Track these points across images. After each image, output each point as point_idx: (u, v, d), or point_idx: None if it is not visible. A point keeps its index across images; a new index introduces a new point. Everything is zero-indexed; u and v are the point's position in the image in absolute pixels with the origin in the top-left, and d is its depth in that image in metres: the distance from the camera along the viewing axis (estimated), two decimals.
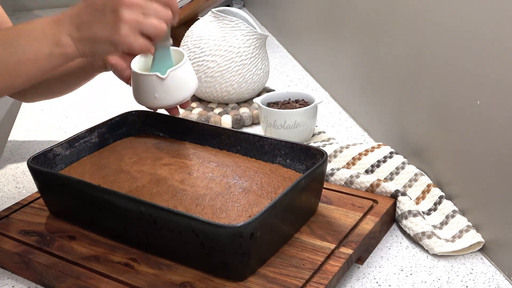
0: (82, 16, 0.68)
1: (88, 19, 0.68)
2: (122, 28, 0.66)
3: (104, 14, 0.67)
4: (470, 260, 0.73)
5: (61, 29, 0.68)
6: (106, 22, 0.67)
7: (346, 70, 1.22)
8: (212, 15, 1.23)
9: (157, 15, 0.68)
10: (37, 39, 0.68)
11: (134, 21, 0.66)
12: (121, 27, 0.66)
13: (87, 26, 0.68)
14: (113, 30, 0.66)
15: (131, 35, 0.67)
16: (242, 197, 0.71)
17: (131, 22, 0.66)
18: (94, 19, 0.67)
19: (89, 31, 0.67)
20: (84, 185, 0.71)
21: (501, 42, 0.66)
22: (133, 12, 0.66)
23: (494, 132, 0.69)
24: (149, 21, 0.67)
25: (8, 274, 0.75)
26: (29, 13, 2.56)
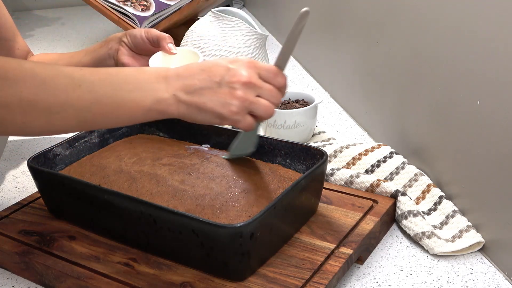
0: (195, 80, 0.64)
1: (201, 86, 0.64)
2: (234, 105, 0.63)
3: (219, 86, 0.64)
4: (470, 260, 0.73)
5: (169, 87, 0.64)
6: (219, 95, 0.63)
7: (346, 70, 1.22)
8: (212, 15, 1.23)
9: (270, 97, 0.65)
10: (141, 89, 0.64)
11: (247, 101, 0.63)
12: (233, 104, 0.63)
13: (198, 92, 0.64)
14: (224, 105, 0.63)
15: (240, 113, 0.64)
16: (242, 197, 0.71)
17: (244, 100, 0.63)
18: (207, 88, 0.64)
19: (200, 98, 0.64)
20: (84, 185, 0.71)
21: (501, 42, 0.66)
22: (248, 91, 0.64)
23: (494, 132, 0.69)
24: (261, 102, 0.64)
25: (8, 274, 0.75)
26: (29, 13, 2.56)
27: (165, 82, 0.64)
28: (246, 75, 0.63)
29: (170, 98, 0.64)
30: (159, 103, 0.64)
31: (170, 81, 0.64)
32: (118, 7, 1.69)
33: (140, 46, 0.88)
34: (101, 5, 1.71)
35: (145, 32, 0.87)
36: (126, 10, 1.68)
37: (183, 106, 0.64)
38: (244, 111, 0.64)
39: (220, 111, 0.63)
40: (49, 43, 1.99)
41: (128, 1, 1.71)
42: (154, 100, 0.63)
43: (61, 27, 2.26)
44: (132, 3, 1.71)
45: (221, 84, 0.63)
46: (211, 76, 0.64)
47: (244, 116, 0.64)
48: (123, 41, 0.88)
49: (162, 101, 0.64)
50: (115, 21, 1.71)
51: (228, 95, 0.63)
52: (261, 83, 0.64)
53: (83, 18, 2.38)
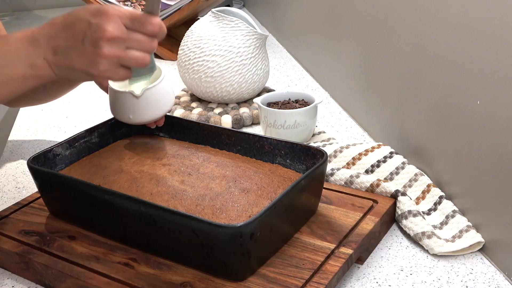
0: (60, 40, 0.63)
1: (65, 45, 0.63)
2: (101, 63, 0.62)
3: (83, 44, 0.62)
4: (470, 260, 0.73)
5: (37, 51, 0.64)
6: (84, 53, 0.62)
7: (346, 70, 1.22)
8: (212, 15, 1.23)
9: (141, 47, 0.64)
10: (10, 62, 0.64)
11: (114, 57, 0.62)
12: (100, 63, 0.62)
13: (64, 53, 0.63)
14: (92, 64, 0.62)
15: (111, 69, 0.63)
16: (242, 197, 0.71)
17: (111, 57, 0.62)
18: (72, 46, 0.63)
19: (66, 59, 0.64)
20: (84, 185, 0.71)
21: (501, 42, 0.66)
22: (114, 47, 0.62)
23: (494, 132, 0.69)
24: (131, 55, 0.63)
25: (8, 274, 0.75)
26: (29, 13, 2.56)
27: (34, 47, 0.64)
28: (110, 29, 0.61)
29: (40, 61, 0.64)
30: (31, 69, 0.64)
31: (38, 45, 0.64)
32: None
33: None
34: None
35: None
36: None
37: (55, 68, 0.64)
38: (114, 67, 0.63)
39: (89, 70, 0.63)
40: None
41: (128, 1, 1.71)
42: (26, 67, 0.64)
43: None
44: (132, 3, 1.71)
45: (84, 42, 0.62)
46: (74, 34, 0.62)
47: (116, 70, 0.63)
48: None
49: (34, 66, 0.64)
50: None
51: (93, 54, 0.61)
52: (127, 35, 0.62)
53: None
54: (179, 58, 1.27)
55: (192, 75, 1.22)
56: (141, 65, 0.65)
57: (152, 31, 0.64)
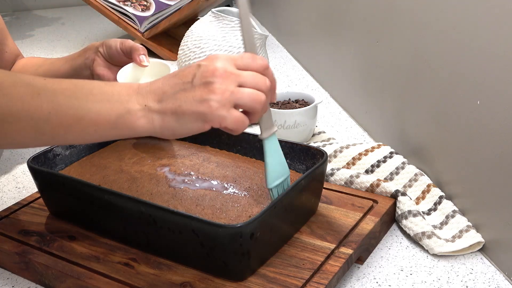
0: (167, 87, 0.58)
1: (173, 90, 0.57)
2: (212, 100, 0.55)
3: (192, 85, 0.57)
4: (470, 260, 0.73)
5: (139, 97, 0.58)
6: (195, 94, 0.56)
7: (346, 70, 1.22)
8: (212, 15, 1.23)
9: (254, 83, 0.58)
10: (107, 100, 0.57)
11: (227, 92, 0.56)
12: (212, 99, 0.55)
13: (171, 97, 0.57)
14: (202, 102, 0.56)
15: (223, 108, 0.56)
16: (242, 197, 0.71)
17: (224, 93, 0.56)
18: (180, 90, 0.57)
19: (173, 102, 0.57)
20: (84, 185, 0.71)
21: (501, 42, 0.66)
22: (226, 82, 0.56)
23: (494, 132, 0.69)
24: (245, 92, 0.57)
25: (8, 274, 0.75)
26: (29, 13, 2.56)
27: (136, 94, 0.58)
28: (220, 66, 0.57)
29: (140, 110, 0.57)
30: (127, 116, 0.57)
31: (141, 93, 0.58)
32: (118, 7, 1.69)
33: (115, 57, 0.84)
34: (101, 5, 1.71)
35: (120, 43, 0.83)
36: (126, 10, 1.68)
37: (157, 117, 0.57)
38: (227, 105, 0.56)
39: (199, 109, 0.56)
40: (49, 43, 1.99)
41: (128, 1, 1.71)
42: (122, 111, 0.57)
43: (61, 27, 2.26)
44: (132, 3, 1.71)
45: (194, 82, 0.57)
46: (183, 78, 0.58)
47: (230, 111, 0.56)
48: (99, 51, 0.85)
49: (131, 113, 0.57)
50: (115, 21, 1.71)
51: (204, 91, 0.56)
52: (239, 71, 0.58)
53: (83, 18, 2.38)
54: (179, 58, 1.27)
55: None
56: (258, 103, 0.58)
57: (263, 65, 0.59)
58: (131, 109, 0.57)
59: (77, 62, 0.87)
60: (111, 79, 0.83)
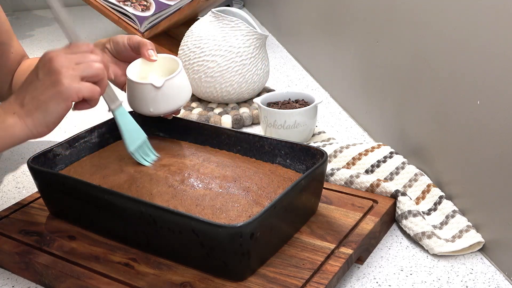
0: (23, 92, 0.68)
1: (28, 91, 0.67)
2: (62, 79, 0.65)
3: (38, 79, 0.67)
4: (470, 260, 0.73)
5: (6, 110, 0.67)
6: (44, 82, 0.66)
7: (346, 70, 1.22)
8: (212, 15, 1.23)
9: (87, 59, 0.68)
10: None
11: (70, 69, 0.66)
12: (61, 78, 0.65)
13: (29, 97, 0.67)
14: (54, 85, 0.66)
15: (74, 82, 0.66)
16: (242, 197, 0.71)
17: (67, 70, 0.66)
18: (32, 88, 0.67)
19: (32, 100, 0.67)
20: (84, 185, 0.71)
21: (501, 42, 0.66)
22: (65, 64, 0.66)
23: (494, 132, 0.69)
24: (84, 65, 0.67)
25: (8, 274, 0.75)
26: (29, 13, 2.56)
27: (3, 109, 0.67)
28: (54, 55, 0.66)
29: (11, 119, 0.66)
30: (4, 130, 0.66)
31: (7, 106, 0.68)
32: (118, 7, 1.69)
33: (123, 53, 0.85)
34: (101, 5, 1.71)
35: (127, 39, 0.84)
36: (126, 10, 1.68)
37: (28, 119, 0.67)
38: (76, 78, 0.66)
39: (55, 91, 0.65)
40: (49, 43, 1.99)
41: (128, 1, 1.71)
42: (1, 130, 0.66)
43: None
44: (132, 3, 1.71)
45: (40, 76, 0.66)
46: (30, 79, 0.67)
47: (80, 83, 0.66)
48: (106, 48, 0.86)
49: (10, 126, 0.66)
50: (115, 21, 1.71)
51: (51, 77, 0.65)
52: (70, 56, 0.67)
53: (83, 18, 2.38)
54: (179, 58, 1.27)
55: (192, 75, 1.22)
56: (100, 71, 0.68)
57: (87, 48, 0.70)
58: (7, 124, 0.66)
59: None
60: (119, 75, 0.84)
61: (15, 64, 0.97)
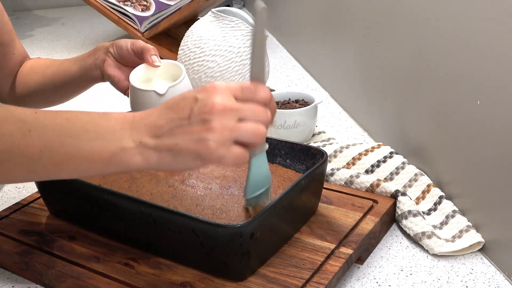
0: (162, 121, 0.54)
1: (170, 126, 0.54)
2: (211, 140, 0.52)
3: (189, 122, 0.53)
4: (470, 260, 0.73)
5: (134, 132, 0.55)
6: (192, 131, 0.53)
7: (346, 70, 1.22)
8: (212, 15, 1.23)
9: (256, 118, 0.54)
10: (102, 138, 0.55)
11: (226, 129, 0.53)
12: (210, 139, 0.52)
13: (168, 135, 0.54)
14: (200, 142, 0.53)
15: (223, 146, 0.53)
16: (242, 198, 0.71)
17: (222, 130, 0.52)
18: (177, 126, 0.54)
19: (170, 140, 0.54)
20: (84, 185, 0.71)
21: (501, 42, 0.66)
22: (225, 119, 0.53)
23: (494, 132, 0.69)
24: (246, 128, 0.54)
25: (8, 274, 0.75)
26: (29, 13, 2.56)
27: (130, 129, 0.55)
28: (219, 101, 0.53)
29: (135, 147, 0.54)
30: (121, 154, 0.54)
31: (135, 127, 0.55)
32: (118, 7, 1.69)
33: (126, 57, 0.84)
34: (101, 5, 1.71)
35: (131, 44, 0.83)
36: (126, 10, 1.68)
37: (153, 154, 0.54)
38: (227, 143, 0.53)
39: (197, 149, 0.53)
40: (49, 43, 1.99)
41: (128, 1, 1.71)
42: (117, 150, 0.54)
43: (61, 27, 2.26)
44: (132, 3, 1.71)
45: (192, 119, 0.53)
46: (179, 112, 0.54)
47: (229, 149, 0.53)
48: (109, 52, 0.85)
49: (125, 151, 0.54)
50: (115, 21, 1.71)
51: (202, 129, 0.53)
52: (239, 105, 0.54)
53: (83, 18, 2.38)
54: (179, 58, 1.27)
55: (192, 75, 1.22)
56: (258, 139, 0.55)
57: (265, 98, 0.56)
58: (125, 147, 0.54)
59: (87, 62, 0.87)
60: (122, 79, 0.83)
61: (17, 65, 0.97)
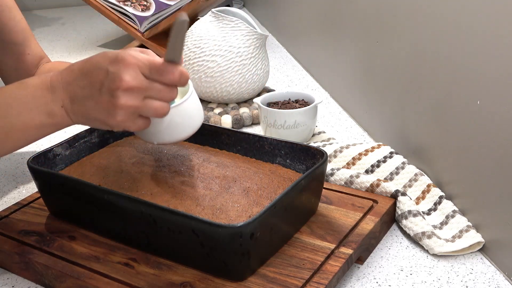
0: (77, 88, 0.62)
1: (82, 93, 0.61)
2: (118, 114, 0.59)
3: (100, 94, 0.60)
4: (470, 260, 0.73)
5: (55, 98, 0.63)
6: (101, 103, 0.60)
7: (346, 70, 1.22)
8: (212, 15, 1.23)
9: (160, 96, 0.60)
10: (28, 109, 0.62)
11: (132, 107, 0.59)
12: (118, 113, 0.59)
13: (81, 101, 0.62)
14: (109, 114, 0.60)
15: (128, 120, 0.60)
16: (242, 198, 0.71)
17: (128, 107, 0.59)
18: (89, 95, 0.61)
19: (83, 107, 0.62)
20: (84, 185, 0.71)
21: (501, 41, 0.66)
22: (132, 97, 0.59)
23: (494, 132, 0.69)
24: (149, 105, 0.60)
25: (8, 274, 0.75)
26: (29, 13, 2.56)
27: (51, 94, 0.63)
28: (127, 79, 0.58)
29: (58, 109, 0.63)
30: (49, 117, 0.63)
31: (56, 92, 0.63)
32: (118, 7, 1.69)
33: None
34: (101, 5, 1.71)
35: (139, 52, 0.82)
36: (126, 10, 1.68)
37: (73, 115, 0.63)
38: (132, 117, 0.60)
39: (106, 120, 0.60)
40: (49, 43, 1.99)
41: (128, 1, 1.71)
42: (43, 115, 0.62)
43: (61, 27, 2.26)
44: (132, 3, 1.71)
45: (102, 91, 0.59)
46: (92, 82, 0.60)
47: (134, 121, 0.61)
48: None
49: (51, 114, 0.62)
50: (115, 21, 1.71)
51: (110, 104, 0.59)
52: (146, 85, 0.59)
53: (83, 18, 2.38)
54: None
55: (192, 75, 1.22)
56: (160, 116, 0.62)
57: (171, 80, 0.60)
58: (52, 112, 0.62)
59: None
60: None
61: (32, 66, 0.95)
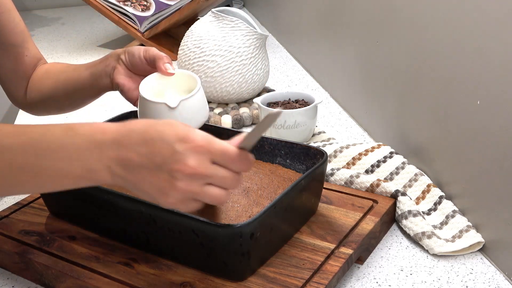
0: (133, 154, 0.55)
1: (139, 162, 0.54)
2: (172, 196, 0.54)
3: (158, 169, 0.54)
4: (470, 260, 0.73)
5: (102, 156, 0.55)
6: (157, 179, 0.54)
7: (346, 70, 1.23)
8: (212, 15, 1.23)
9: (222, 184, 0.55)
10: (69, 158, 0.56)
11: (190, 192, 0.54)
12: (172, 195, 0.54)
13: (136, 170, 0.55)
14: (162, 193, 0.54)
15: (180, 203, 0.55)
16: (242, 198, 0.71)
17: (186, 192, 0.54)
18: (146, 167, 0.54)
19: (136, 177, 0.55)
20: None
21: (501, 42, 0.66)
22: (192, 182, 0.54)
23: (494, 132, 0.69)
24: (209, 192, 0.54)
25: (8, 274, 0.75)
26: (29, 13, 2.56)
27: (99, 151, 0.56)
28: (193, 164, 0.53)
29: (103, 170, 0.56)
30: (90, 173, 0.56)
31: (104, 150, 0.55)
32: (118, 7, 1.69)
33: (138, 65, 0.80)
34: (101, 5, 1.71)
35: (143, 51, 0.79)
36: (126, 10, 1.68)
37: (118, 179, 0.56)
38: (186, 201, 0.55)
39: (155, 196, 0.55)
40: (49, 43, 1.99)
41: (128, 1, 1.71)
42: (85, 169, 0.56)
43: (61, 27, 2.26)
44: (132, 3, 1.71)
45: (162, 168, 0.54)
46: (153, 154, 0.54)
47: (187, 203, 0.55)
48: (121, 59, 0.81)
49: (93, 172, 0.56)
50: (115, 21, 1.71)
51: (167, 183, 0.54)
52: (211, 172, 0.54)
53: (83, 18, 2.38)
54: (179, 58, 1.27)
55: None
56: (219, 203, 0.56)
57: (240, 169, 0.56)
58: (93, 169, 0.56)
59: (98, 69, 0.83)
60: (132, 88, 0.79)
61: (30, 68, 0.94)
